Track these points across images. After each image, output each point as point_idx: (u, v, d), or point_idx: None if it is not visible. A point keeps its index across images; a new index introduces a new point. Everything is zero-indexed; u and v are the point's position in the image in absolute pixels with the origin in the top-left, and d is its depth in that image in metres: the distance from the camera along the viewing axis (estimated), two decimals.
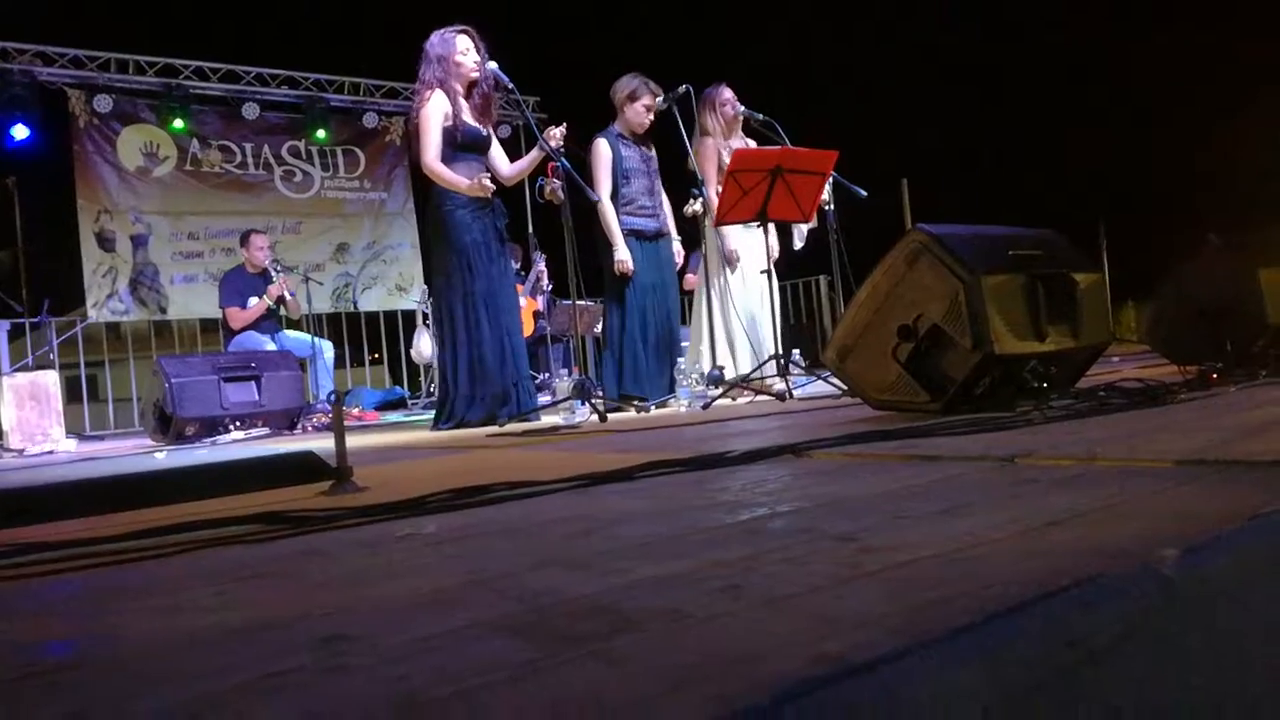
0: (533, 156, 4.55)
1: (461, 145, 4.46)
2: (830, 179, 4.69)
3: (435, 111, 4.44)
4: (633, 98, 4.99)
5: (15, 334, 8.36)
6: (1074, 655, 0.71)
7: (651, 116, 5.02)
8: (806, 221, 4.91)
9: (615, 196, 4.93)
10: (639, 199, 5.00)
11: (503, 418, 4.35)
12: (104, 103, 8.51)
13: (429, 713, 0.61)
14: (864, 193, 4.85)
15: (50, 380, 6.52)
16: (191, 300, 8.96)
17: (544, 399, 5.94)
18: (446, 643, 0.78)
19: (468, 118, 4.53)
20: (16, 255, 9.32)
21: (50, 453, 5.65)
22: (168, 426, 5.35)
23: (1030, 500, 1.23)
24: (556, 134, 4.38)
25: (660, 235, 5.11)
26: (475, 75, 4.55)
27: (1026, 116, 11.41)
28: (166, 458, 3.98)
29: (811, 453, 1.91)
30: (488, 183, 4.40)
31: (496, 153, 4.72)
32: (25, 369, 7.50)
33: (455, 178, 4.41)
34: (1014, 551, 0.94)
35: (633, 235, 4.96)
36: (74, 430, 7.28)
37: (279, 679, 0.71)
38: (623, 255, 4.88)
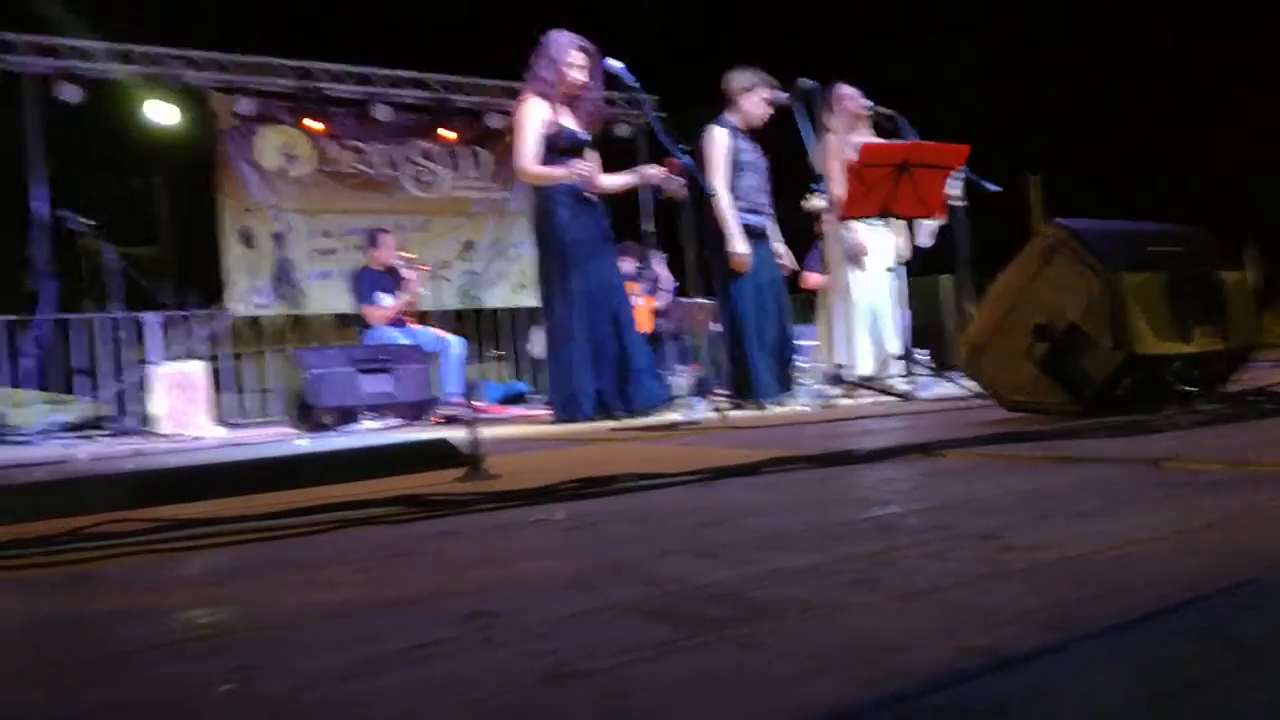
0: (629, 180, 4.62)
1: (565, 150, 4.53)
2: (960, 174, 4.56)
3: (532, 116, 4.53)
4: (750, 89, 4.91)
5: (164, 326, 8.88)
6: (1232, 657, 0.68)
7: (770, 110, 4.91)
8: (933, 217, 4.79)
9: (729, 190, 4.86)
10: (752, 195, 4.91)
11: (620, 413, 4.39)
12: (244, 105, 8.94)
13: (576, 684, 0.63)
14: (996, 188, 4.71)
15: (198, 370, 6.90)
16: (326, 295, 9.34)
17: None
18: (586, 621, 0.80)
19: (567, 121, 4.58)
20: (163, 251, 9.88)
21: (199, 438, 5.97)
22: (306, 415, 5.60)
23: (1178, 503, 1.18)
24: (655, 174, 4.43)
25: (766, 235, 5.03)
26: (578, 91, 4.61)
27: (1169, 111, 10.84)
28: (307, 444, 4.17)
29: (944, 452, 1.87)
30: (583, 169, 4.45)
31: (593, 156, 4.76)
32: (174, 359, 7.97)
33: (548, 170, 4.48)
34: (1165, 553, 0.91)
35: (745, 231, 4.87)
36: (219, 418, 7.68)
37: (430, 649, 0.74)
38: (742, 248, 4.76)
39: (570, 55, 4.55)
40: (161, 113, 8.59)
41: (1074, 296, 2.36)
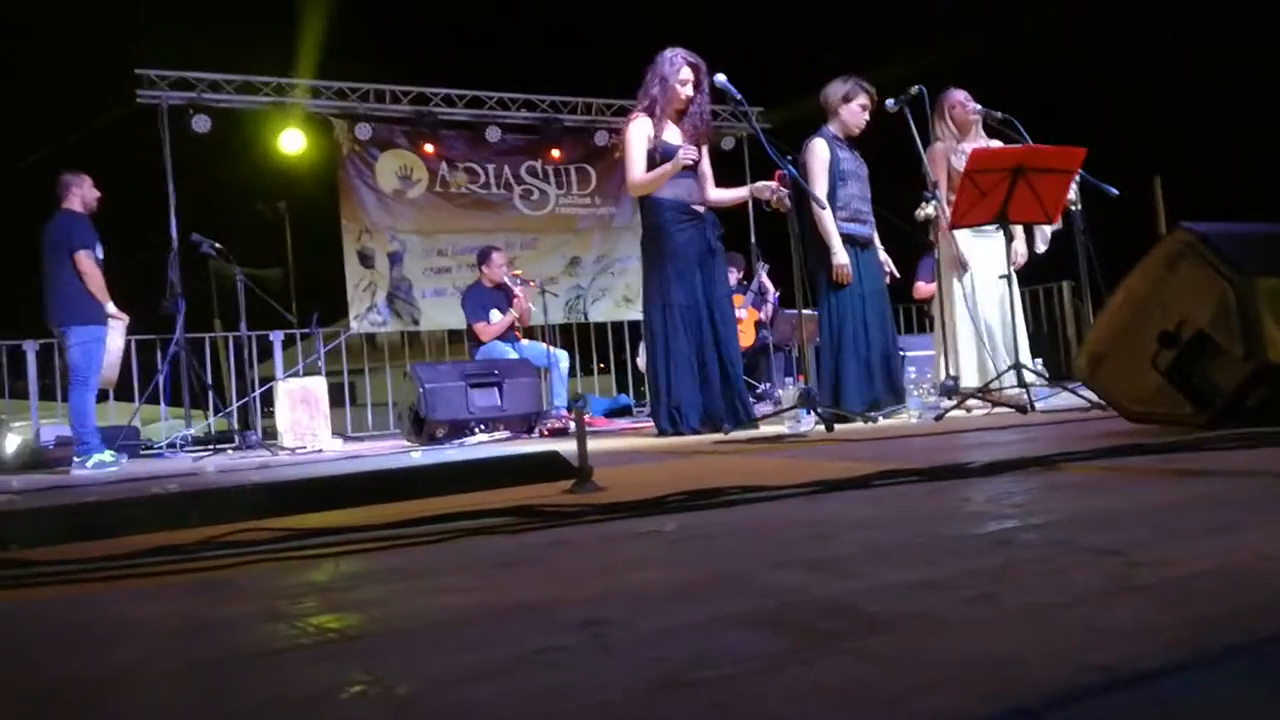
0: (741, 194, 4.65)
1: (660, 164, 4.59)
2: (1077, 177, 4.41)
3: (637, 134, 4.65)
4: (848, 98, 4.89)
5: (287, 343, 9.28)
6: None
7: (867, 116, 4.88)
8: (1051, 223, 4.64)
9: (831, 200, 4.84)
10: (854, 204, 4.87)
11: (726, 427, 4.38)
12: (364, 130, 9.29)
13: (693, 693, 0.64)
14: (1115, 191, 4.53)
15: (318, 386, 7.19)
16: (440, 312, 9.61)
17: (765, 409, 5.94)
18: (700, 631, 0.81)
19: (670, 138, 4.63)
20: (286, 272, 10.33)
21: (319, 451, 6.22)
22: (420, 428, 5.78)
23: None
24: (765, 189, 4.44)
25: (870, 243, 4.97)
26: (686, 106, 4.66)
27: None
28: (421, 456, 4.30)
29: (1063, 465, 1.81)
30: (689, 155, 4.50)
31: (706, 174, 4.79)
32: (296, 375, 8.31)
33: (653, 175, 4.57)
34: None
35: (848, 241, 4.82)
36: (337, 431, 7.97)
37: (549, 654, 0.76)
38: (843, 259, 4.75)
39: (680, 72, 4.63)
40: (287, 141, 8.99)
41: (1202, 303, 2.26)
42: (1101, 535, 1.11)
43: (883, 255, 5.08)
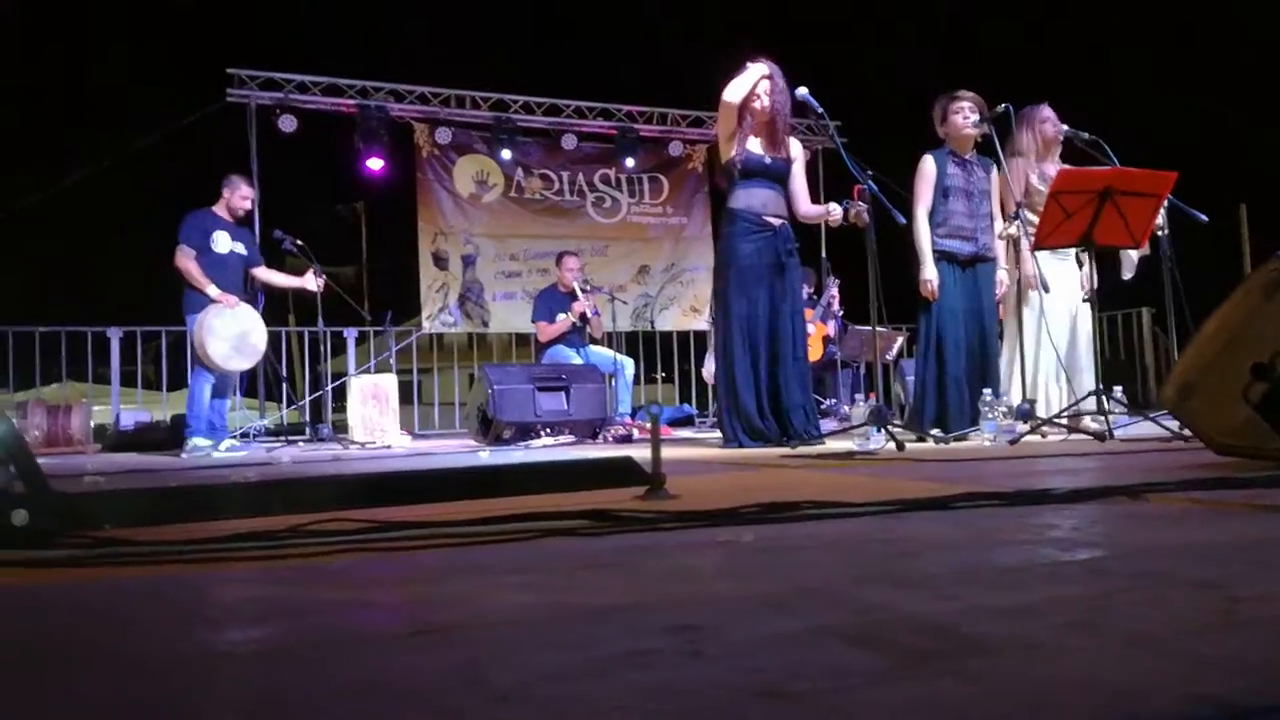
0: (821, 212, 4.61)
1: (742, 175, 4.60)
2: (1166, 203, 4.30)
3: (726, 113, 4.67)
4: (945, 114, 4.86)
5: (359, 340, 9.46)
6: None
7: (972, 121, 4.80)
8: (1138, 248, 4.53)
9: (932, 215, 4.78)
10: (955, 219, 4.80)
11: (793, 442, 4.35)
12: (444, 135, 9.46)
13: (793, 704, 0.64)
14: (1204, 218, 4.41)
15: (389, 383, 7.31)
16: (510, 315, 9.72)
17: (830, 425, 5.88)
18: (792, 643, 0.81)
19: (753, 148, 4.62)
20: (360, 271, 10.55)
21: (388, 447, 6.32)
22: (488, 428, 5.84)
23: None
24: (838, 212, 4.41)
25: (977, 260, 4.87)
26: (765, 115, 4.64)
27: None
28: (490, 456, 4.34)
29: (1149, 496, 1.77)
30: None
31: (798, 186, 4.75)
32: (368, 372, 8.47)
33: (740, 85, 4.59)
34: None
35: (944, 258, 4.75)
36: (405, 428, 8.09)
37: (644, 657, 0.77)
38: (929, 275, 4.71)
39: (755, 84, 4.62)
40: (371, 145, 9.19)
41: None
42: (1197, 568, 1.08)
43: (1000, 273, 4.95)
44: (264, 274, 6.49)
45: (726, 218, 4.66)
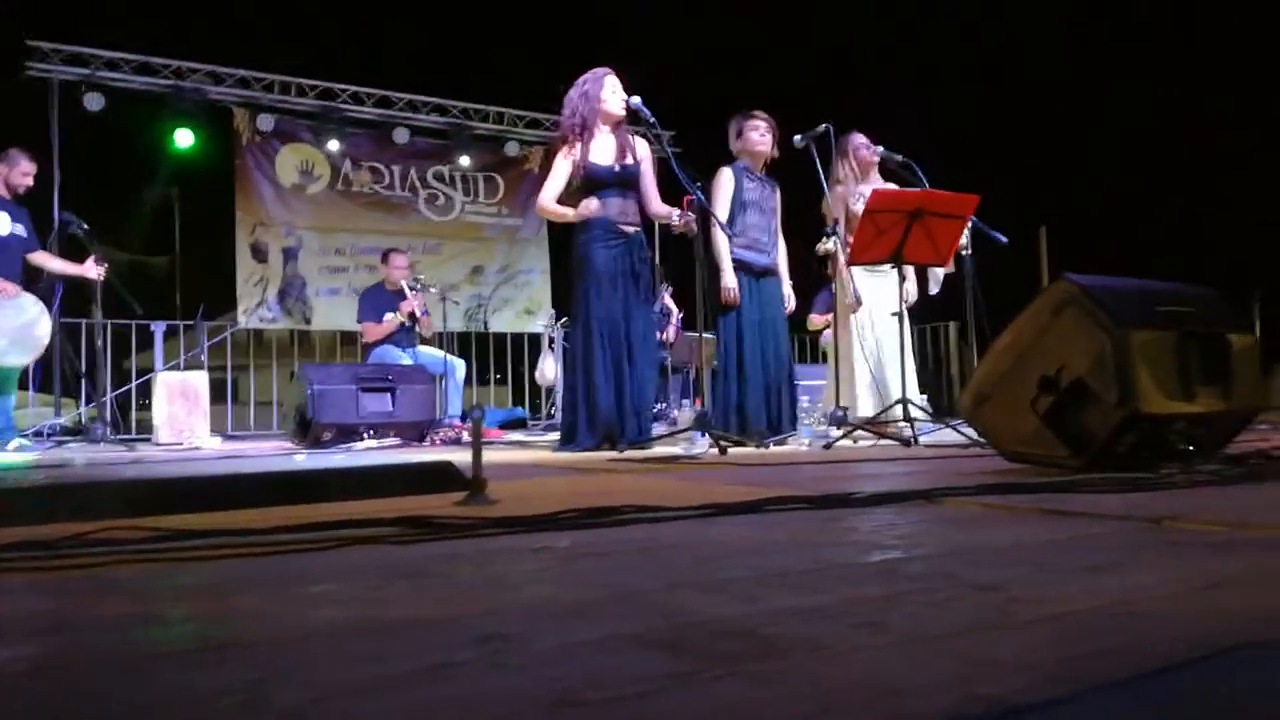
0: (666, 210, 4.69)
1: (588, 185, 4.64)
2: (970, 224, 4.60)
3: (560, 161, 4.73)
4: (740, 132, 5.06)
5: (168, 335, 8.91)
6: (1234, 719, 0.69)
7: (766, 138, 5.01)
8: (943, 266, 4.83)
9: (730, 227, 4.94)
10: (752, 232, 4.99)
11: (622, 445, 4.40)
12: (266, 122, 9.04)
13: (590, 712, 0.64)
14: (1005, 239, 4.74)
15: (200, 380, 6.93)
16: (334, 312, 9.39)
17: (661, 429, 5.98)
18: (596, 650, 0.81)
19: (599, 158, 4.64)
20: (173, 261, 9.93)
21: (196, 449, 5.98)
22: (306, 431, 5.61)
23: (1182, 562, 1.19)
24: (676, 218, 4.49)
25: (769, 272, 5.08)
26: (620, 114, 4.69)
27: (1177, 163, 10.89)
28: (306, 460, 4.17)
29: (944, 500, 1.87)
30: (593, 207, 4.57)
31: (648, 186, 4.80)
32: (176, 369, 7.99)
33: (559, 209, 4.68)
34: (1171, 611, 0.92)
35: (741, 267, 4.92)
36: (217, 429, 7.69)
37: (446, 670, 0.75)
38: (730, 282, 4.87)
39: (605, 83, 4.70)
40: (183, 126, 8.67)
41: (1082, 352, 2.38)
42: (982, 570, 1.15)
43: (786, 289, 5.19)
44: (41, 259, 5.98)
45: (581, 225, 4.65)
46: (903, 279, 4.79)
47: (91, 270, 6.06)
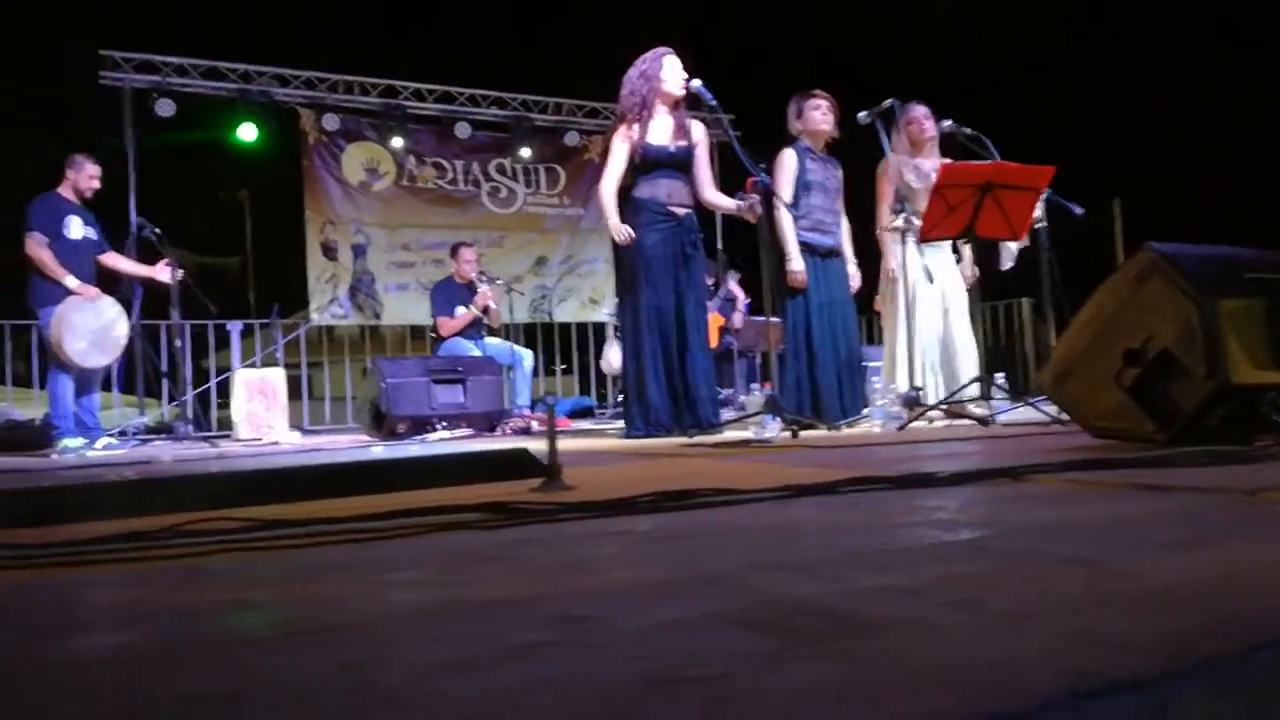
0: (731, 204, 4.64)
1: (644, 166, 4.60)
2: (1044, 196, 4.48)
3: (618, 143, 4.67)
4: (800, 111, 4.98)
5: (244, 334, 9.14)
6: None
7: (828, 118, 4.94)
8: (1017, 240, 4.71)
9: (794, 208, 4.89)
10: (816, 213, 4.92)
11: (692, 431, 4.39)
12: (332, 121, 9.19)
13: (682, 690, 0.64)
14: (1080, 211, 4.61)
15: (277, 377, 7.10)
16: (403, 307, 9.54)
17: (728, 414, 5.95)
18: (684, 631, 0.81)
19: (656, 138, 4.61)
20: (244, 262, 10.18)
21: (276, 443, 6.13)
22: (381, 423, 5.71)
23: (1277, 534, 1.15)
24: (749, 203, 4.43)
25: (834, 253, 5.01)
26: (679, 94, 4.66)
27: (1257, 134, 10.49)
28: (382, 452, 4.25)
29: (1030, 478, 1.83)
30: (622, 236, 4.56)
31: (702, 171, 4.77)
32: (253, 366, 8.20)
33: (609, 204, 4.65)
34: (1271, 583, 0.88)
35: (806, 249, 4.85)
36: (294, 424, 7.86)
37: (534, 649, 0.75)
38: (798, 265, 4.80)
39: (663, 63, 4.65)
40: (251, 129, 8.86)
41: (1167, 322, 2.30)
42: (1074, 546, 1.12)
43: (851, 267, 5.12)
44: (112, 260, 6.14)
45: (631, 208, 4.63)
46: (958, 255, 4.69)
47: (163, 273, 6.19)
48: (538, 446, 2.25)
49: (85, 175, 5.88)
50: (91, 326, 5.63)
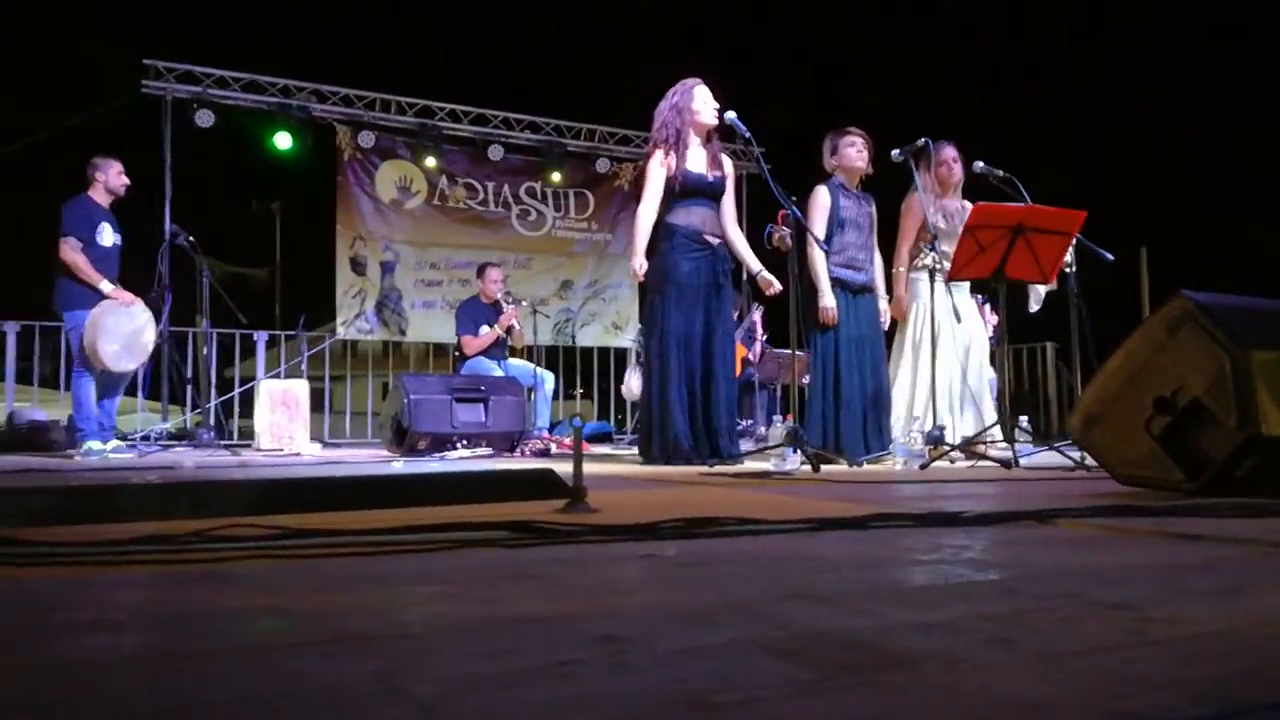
0: (749, 264, 4.71)
1: (681, 193, 4.61)
2: (1075, 241, 4.47)
3: (656, 168, 4.67)
4: (835, 149, 4.98)
5: (269, 344, 9.22)
6: None
7: (863, 154, 4.95)
8: (1046, 283, 4.69)
9: (826, 245, 4.89)
10: (849, 250, 4.92)
11: (711, 461, 4.38)
12: (367, 138, 9.31)
13: (721, 715, 0.64)
14: (1110, 257, 4.59)
15: (301, 389, 7.14)
16: (428, 325, 9.60)
17: (747, 445, 5.93)
18: (715, 655, 0.81)
19: (695, 166, 4.65)
20: (273, 273, 10.27)
21: (297, 454, 6.16)
22: (402, 439, 5.73)
23: None
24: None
25: (866, 289, 5.00)
26: (712, 124, 4.69)
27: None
28: (403, 467, 4.26)
29: (1056, 521, 1.82)
30: (640, 273, 4.61)
31: (728, 204, 4.80)
32: (277, 377, 8.25)
33: (643, 230, 4.66)
34: None
35: (838, 285, 4.85)
36: (315, 436, 7.90)
37: (569, 667, 0.75)
38: (829, 302, 4.79)
39: (695, 94, 4.71)
40: (286, 137, 8.98)
41: (1199, 372, 2.29)
42: (1108, 590, 1.12)
43: (883, 304, 5.10)
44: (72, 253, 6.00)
45: (664, 233, 4.64)
46: (980, 299, 4.67)
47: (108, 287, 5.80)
48: (560, 469, 2.26)
49: (114, 173, 5.83)
50: (125, 330, 5.68)
